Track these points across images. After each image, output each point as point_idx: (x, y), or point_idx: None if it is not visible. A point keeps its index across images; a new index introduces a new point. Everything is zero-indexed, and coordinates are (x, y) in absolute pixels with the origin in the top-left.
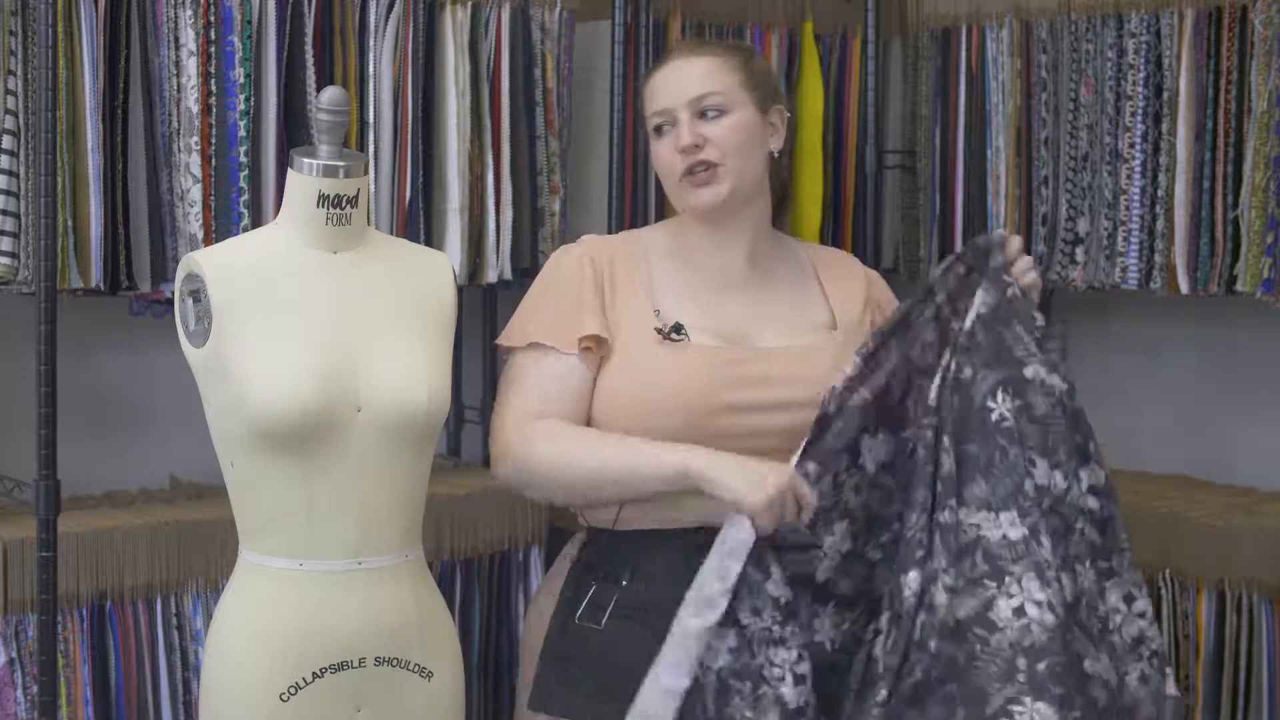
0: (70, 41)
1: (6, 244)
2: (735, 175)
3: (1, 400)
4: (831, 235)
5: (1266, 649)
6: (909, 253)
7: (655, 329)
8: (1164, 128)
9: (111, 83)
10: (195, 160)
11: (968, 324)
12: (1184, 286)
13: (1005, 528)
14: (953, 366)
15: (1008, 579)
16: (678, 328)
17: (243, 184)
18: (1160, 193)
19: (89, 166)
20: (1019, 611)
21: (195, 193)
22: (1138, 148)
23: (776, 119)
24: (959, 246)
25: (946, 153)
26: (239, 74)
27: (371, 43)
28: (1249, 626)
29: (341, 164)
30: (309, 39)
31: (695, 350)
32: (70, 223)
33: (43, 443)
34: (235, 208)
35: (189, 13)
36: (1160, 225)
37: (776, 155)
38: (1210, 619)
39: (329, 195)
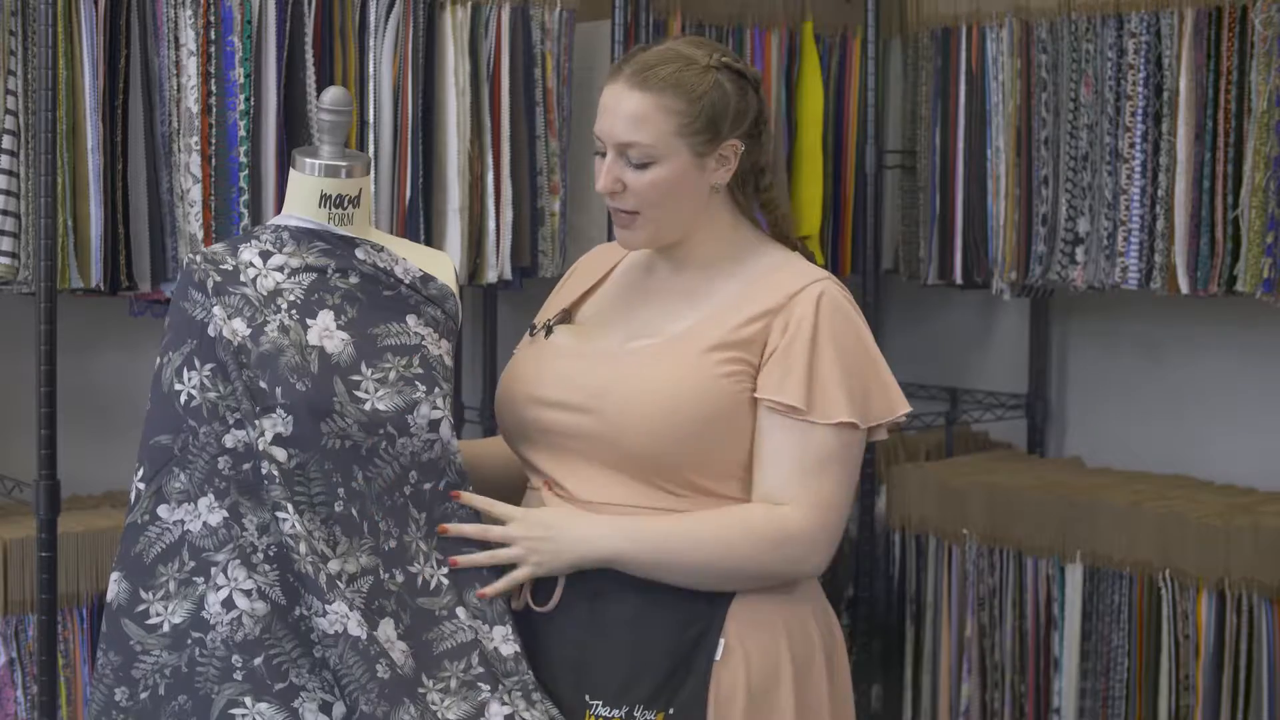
0: (70, 41)
1: (6, 244)
2: (654, 224)
3: (1, 400)
4: (831, 235)
5: (1266, 649)
6: (909, 253)
7: (532, 326)
8: (1164, 128)
9: (111, 83)
10: (195, 160)
11: None
12: (1184, 286)
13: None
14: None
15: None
16: (549, 326)
17: (243, 184)
18: (1160, 193)
19: (89, 166)
20: None
21: (195, 193)
22: (1138, 148)
23: (729, 153)
24: (959, 246)
25: (946, 153)
26: (239, 74)
27: (371, 43)
28: (1249, 626)
29: (343, 164)
30: (309, 39)
31: (539, 346)
32: (70, 223)
33: (43, 443)
34: (235, 208)
35: (189, 13)
36: (1160, 225)
37: (722, 187)
38: (1210, 619)
39: (331, 195)
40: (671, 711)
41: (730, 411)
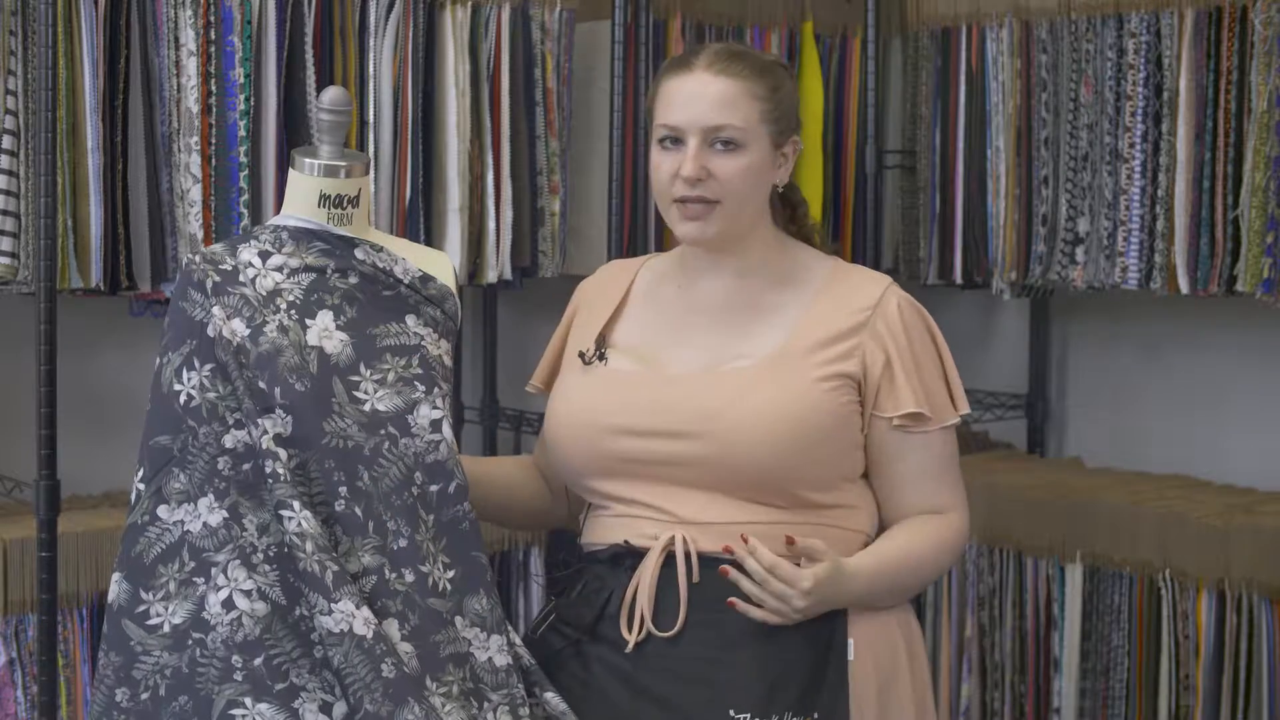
0: (70, 41)
1: (6, 244)
2: (729, 217)
3: (1, 400)
4: (831, 235)
5: (1266, 649)
6: (909, 253)
7: (580, 353)
8: (1164, 128)
9: (111, 83)
10: (195, 160)
11: None
12: (1184, 286)
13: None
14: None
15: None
16: (600, 353)
17: (243, 184)
18: (1160, 193)
19: (89, 166)
20: None
21: (195, 193)
22: (1138, 148)
23: (789, 150)
24: (959, 246)
25: (946, 153)
26: (239, 74)
27: (371, 43)
28: (1249, 626)
29: (343, 164)
30: (309, 39)
31: (603, 374)
32: (70, 223)
33: (43, 443)
34: (235, 208)
35: (189, 13)
36: (1160, 225)
37: (780, 189)
38: (1210, 619)
39: (330, 195)
40: (817, 716)
41: (840, 424)
